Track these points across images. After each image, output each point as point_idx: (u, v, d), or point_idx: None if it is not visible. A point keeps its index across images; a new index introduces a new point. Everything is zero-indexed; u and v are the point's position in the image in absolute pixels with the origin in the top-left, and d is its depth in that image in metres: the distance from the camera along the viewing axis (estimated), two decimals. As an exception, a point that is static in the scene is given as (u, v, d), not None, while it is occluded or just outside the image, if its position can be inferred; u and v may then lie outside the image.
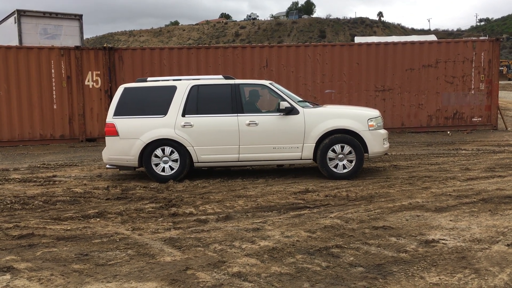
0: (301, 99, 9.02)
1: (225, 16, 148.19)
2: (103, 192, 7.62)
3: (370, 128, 8.16)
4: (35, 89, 13.94)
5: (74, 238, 5.26)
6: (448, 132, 14.78)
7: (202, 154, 8.25)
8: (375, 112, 8.56)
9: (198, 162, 8.31)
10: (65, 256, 4.67)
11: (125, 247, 4.92)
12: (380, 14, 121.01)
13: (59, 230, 5.56)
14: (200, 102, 8.35)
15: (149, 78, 8.82)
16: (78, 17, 18.91)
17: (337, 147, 8.10)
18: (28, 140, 14.05)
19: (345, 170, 8.16)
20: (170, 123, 8.25)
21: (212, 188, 7.75)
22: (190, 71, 14.53)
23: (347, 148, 8.10)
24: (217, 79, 8.67)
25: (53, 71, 14.06)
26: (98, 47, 14.96)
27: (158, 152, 8.26)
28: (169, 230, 5.48)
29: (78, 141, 14.28)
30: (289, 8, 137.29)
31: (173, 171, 8.28)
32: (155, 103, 8.39)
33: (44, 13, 18.37)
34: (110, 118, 8.40)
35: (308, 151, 8.19)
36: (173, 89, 8.43)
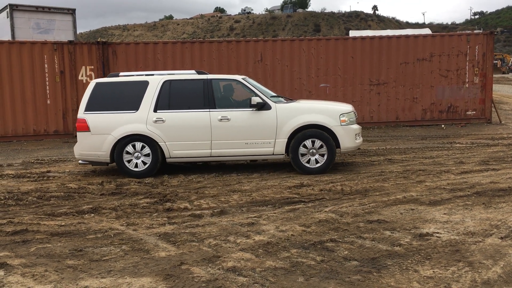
0: (274, 94, 9.01)
1: (220, 10, 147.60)
2: (98, 187, 7.60)
3: (342, 124, 8.17)
4: (28, 84, 13.85)
5: (68, 233, 5.24)
6: (443, 126, 14.82)
7: (174, 150, 8.23)
8: (347, 107, 8.55)
9: (170, 158, 8.30)
10: (59, 252, 4.66)
11: (120, 242, 4.91)
12: (375, 8, 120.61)
13: (53, 226, 5.54)
14: (172, 98, 8.30)
15: (121, 73, 8.73)
16: (71, 11, 18.76)
17: (308, 142, 8.12)
18: (22, 136, 13.96)
19: (318, 165, 8.18)
20: (142, 119, 8.21)
21: (207, 183, 7.74)
22: (185, 66, 14.46)
23: (318, 143, 8.12)
24: (189, 74, 8.61)
25: (46, 66, 13.95)
26: (92, 41, 14.86)
27: (129, 148, 8.23)
28: (163, 225, 5.48)
29: (72, 136, 14.16)
30: (284, 2, 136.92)
31: (146, 166, 8.26)
32: (127, 98, 8.33)
33: (37, 7, 18.21)
34: (81, 113, 8.34)
35: (280, 147, 8.20)
36: (145, 84, 8.36)
